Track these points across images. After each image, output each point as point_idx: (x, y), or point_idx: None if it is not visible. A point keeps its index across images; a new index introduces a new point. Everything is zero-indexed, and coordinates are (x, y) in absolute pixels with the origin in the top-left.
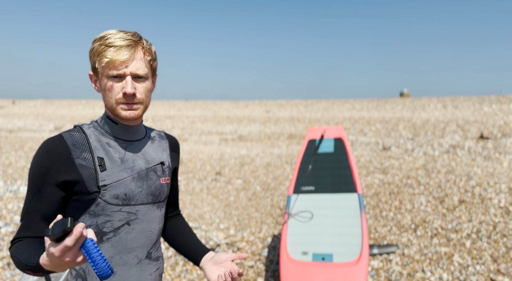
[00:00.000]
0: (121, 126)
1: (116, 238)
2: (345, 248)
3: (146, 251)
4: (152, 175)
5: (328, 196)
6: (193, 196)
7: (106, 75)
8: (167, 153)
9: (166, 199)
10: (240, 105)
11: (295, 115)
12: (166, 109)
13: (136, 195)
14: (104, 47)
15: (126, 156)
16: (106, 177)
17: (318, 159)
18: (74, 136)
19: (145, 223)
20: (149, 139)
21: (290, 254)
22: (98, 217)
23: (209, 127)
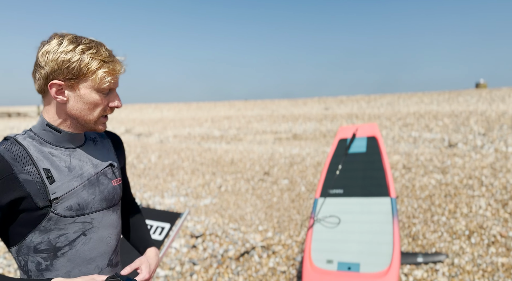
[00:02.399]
0: (65, 134)
1: (73, 251)
2: (373, 258)
3: (108, 259)
4: (103, 179)
5: (358, 200)
6: (238, 197)
7: (99, 89)
8: (113, 152)
9: (120, 201)
10: (298, 103)
11: (354, 112)
12: (226, 109)
13: (89, 203)
14: (99, 62)
15: (73, 164)
16: (57, 189)
17: (349, 160)
18: (11, 150)
19: (102, 230)
20: (91, 142)
21: (314, 262)
22: (49, 233)
23: (264, 127)
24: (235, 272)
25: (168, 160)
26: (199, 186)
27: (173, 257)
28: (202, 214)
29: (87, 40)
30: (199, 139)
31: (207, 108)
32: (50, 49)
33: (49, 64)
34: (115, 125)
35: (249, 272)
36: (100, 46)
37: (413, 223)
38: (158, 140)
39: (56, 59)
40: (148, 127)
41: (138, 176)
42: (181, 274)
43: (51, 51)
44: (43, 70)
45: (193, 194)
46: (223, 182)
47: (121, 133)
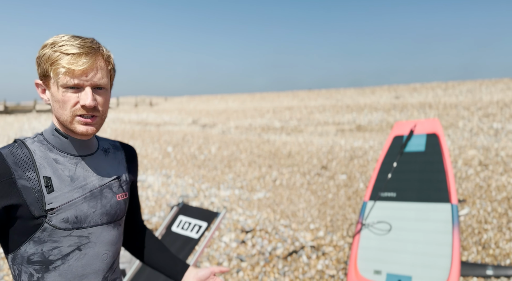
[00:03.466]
0: (72, 140)
1: (65, 266)
2: (428, 271)
3: (102, 276)
4: (107, 193)
5: (413, 205)
6: (292, 191)
7: (62, 85)
8: (124, 165)
9: (123, 216)
10: (365, 92)
11: (428, 100)
12: (289, 100)
13: (88, 216)
14: (59, 55)
15: (77, 174)
16: (54, 199)
17: (404, 160)
18: (15, 153)
19: (100, 246)
20: (102, 152)
21: (360, 272)
22: (43, 244)
23: (326, 117)
24: (281, 272)
25: (227, 151)
26: (254, 179)
27: (222, 251)
28: (255, 208)
29: (75, 37)
30: (259, 130)
31: (270, 99)
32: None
33: (36, 61)
34: (183, 116)
35: (295, 273)
36: (71, 41)
37: (484, 229)
38: (221, 131)
39: (36, 57)
40: (213, 118)
41: (198, 167)
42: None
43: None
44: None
45: (248, 187)
46: (278, 175)
47: (188, 124)
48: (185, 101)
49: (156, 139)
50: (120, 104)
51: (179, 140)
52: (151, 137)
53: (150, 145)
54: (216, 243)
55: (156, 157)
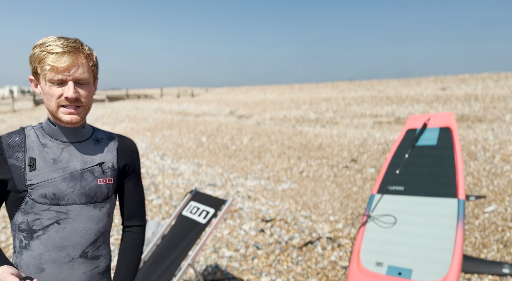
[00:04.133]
0: (60, 128)
1: (45, 236)
2: (429, 265)
3: (81, 250)
4: (88, 176)
5: (420, 199)
6: (317, 183)
7: (49, 80)
8: (114, 154)
9: (107, 199)
10: (410, 83)
11: (476, 92)
12: (328, 91)
13: (66, 195)
14: (45, 54)
15: (61, 157)
16: (34, 176)
17: (415, 154)
18: (12, 137)
19: (78, 222)
20: (93, 141)
21: (362, 263)
22: (28, 215)
23: (364, 109)
24: (294, 261)
25: (258, 142)
26: (282, 170)
27: (241, 238)
28: (278, 199)
29: (60, 38)
30: (294, 122)
31: (309, 90)
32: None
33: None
34: (221, 107)
35: (308, 263)
36: (57, 41)
37: (508, 227)
38: (256, 122)
39: (29, 56)
40: (250, 109)
41: (229, 157)
42: (244, 257)
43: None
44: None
45: (275, 177)
46: (306, 167)
47: (226, 115)
48: (224, 92)
49: (192, 129)
50: (164, 95)
51: (214, 131)
52: (187, 127)
53: (186, 135)
54: (236, 231)
55: (190, 147)
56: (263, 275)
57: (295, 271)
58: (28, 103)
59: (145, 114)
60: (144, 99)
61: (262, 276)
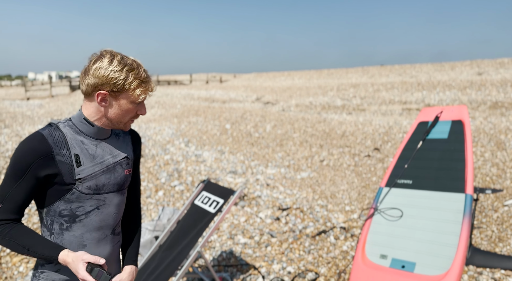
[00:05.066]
0: (97, 128)
1: (88, 220)
2: (432, 259)
3: (112, 229)
4: (118, 168)
5: (427, 193)
6: (337, 172)
7: (132, 101)
8: (130, 147)
9: (127, 187)
10: (444, 68)
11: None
12: (358, 76)
13: (105, 185)
14: (139, 82)
15: (97, 153)
16: (81, 171)
17: (426, 147)
18: (53, 135)
19: (112, 207)
20: (115, 136)
21: (367, 255)
22: (72, 203)
23: (393, 95)
24: (306, 250)
25: (281, 130)
26: (302, 158)
27: (257, 226)
28: (296, 188)
29: (130, 60)
30: (319, 109)
31: (338, 75)
32: (102, 66)
33: (100, 78)
34: (248, 93)
35: (320, 252)
36: (140, 68)
37: None
38: (281, 109)
39: (107, 75)
40: (276, 95)
41: (251, 144)
42: (257, 244)
43: (103, 68)
44: (94, 80)
45: (295, 166)
46: (327, 155)
47: (252, 101)
48: (252, 78)
49: (217, 116)
50: (193, 81)
51: (238, 118)
52: (213, 114)
53: (211, 121)
54: (252, 218)
55: (215, 134)
56: (274, 262)
57: (306, 260)
58: (65, 88)
59: (174, 100)
60: (174, 85)
61: (274, 263)
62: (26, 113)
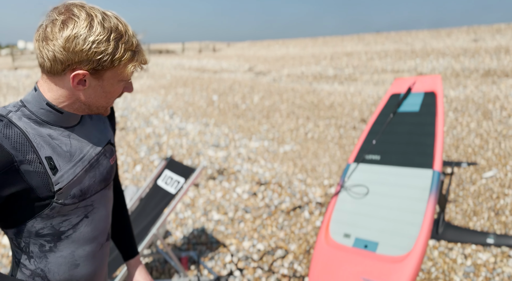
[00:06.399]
0: (67, 115)
1: (77, 234)
2: (395, 239)
3: (107, 234)
4: (103, 160)
5: (395, 169)
6: (320, 145)
7: (121, 80)
8: (108, 124)
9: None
10: (440, 35)
11: (509, 44)
12: (353, 44)
13: (90, 187)
14: (131, 53)
15: (73, 147)
16: (60, 179)
17: (397, 121)
18: (9, 136)
19: (102, 209)
20: (87, 117)
21: (331, 234)
22: (52, 219)
23: (385, 65)
24: (279, 226)
25: (269, 101)
26: (288, 130)
27: (233, 202)
28: (277, 161)
29: (115, 21)
30: (311, 79)
31: (333, 43)
32: (79, 34)
33: (78, 53)
34: (241, 63)
35: (292, 228)
36: (129, 31)
37: (505, 194)
38: (272, 79)
39: (87, 49)
40: (269, 65)
41: (237, 116)
42: (231, 220)
43: (80, 37)
44: (66, 54)
45: (279, 139)
46: (313, 127)
47: (244, 71)
48: (246, 47)
49: (205, 87)
50: (185, 50)
51: (226, 89)
52: (201, 85)
53: (199, 93)
54: (229, 194)
55: (201, 106)
56: (245, 239)
57: (278, 236)
58: None
59: (164, 70)
60: (165, 55)
61: (245, 241)
62: (12, 84)
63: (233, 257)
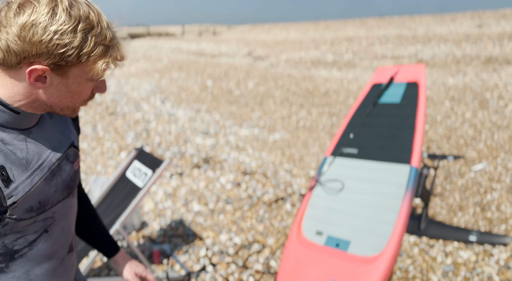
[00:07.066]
0: (24, 116)
1: (33, 251)
2: (368, 238)
3: (68, 247)
4: (65, 165)
5: (371, 164)
6: (311, 134)
7: (90, 78)
8: (71, 123)
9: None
10: (444, 20)
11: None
12: (356, 29)
13: (51, 197)
14: (103, 48)
15: (30, 153)
16: (14, 191)
17: (377, 112)
18: None
19: (64, 221)
20: (47, 115)
21: (303, 231)
22: (4, 237)
23: (386, 50)
24: (259, 219)
25: (263, 87)
26: (280, 118)
27: (215, 192)
28: (266, 150)
29: (85, 8)
30: (309, 64)
31: (335, 28)
32: (37, 21)
33: (35, 44)
34: (240, 47)
35: (272, 221)
36: (101, 20)
37: (493, 189)
38: (270, 64)
39: (47, 40)
40: (269, 49)
41: (230, 103)
42: (211, 212)
43: (39, 25)
44: (21, 45)
45: (270, 127)
46: (305, 115)
47: (242, 56)
48: (247, 31)
49: (200, 72)
50: (185, 33)
51: (222, 74)
52: (196, 69)
53: (193, 77)
54: (212, 183)
55: (194, 91)
56: (223, 232)
57: (256, 230)
58: None
59: (162, 54)
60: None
61: (222, 233)
62: None
63: (208, 251)
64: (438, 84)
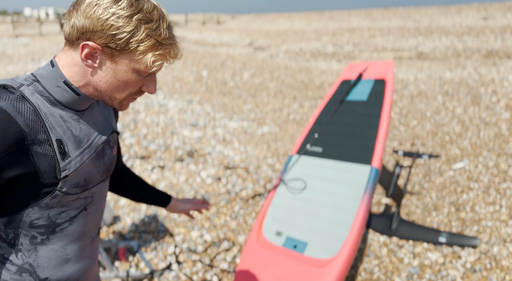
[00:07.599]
0: (82, 98)
1: (72, 227)
2: (324, 240)
3: (98, 228)
4: (107, 149)
5: (334, 164)
6: (300, 127)
7: (137, 70)
8: (112, 111)
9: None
10: (450, 11)
11: None
12: (360, 19)
13: (94, 176)
14: (155, 43)
15: (82, 132)
16: (68, 165)
17: (344, 110)
18: (22, 111)
19: (100, 202)
20: (95, 101)
21: (264, 232)
22: (50, 210)
23: (387, 42)
24: (233, 215)
25: (258, 79)
26: (271, 111)
27: (194, 187)
28: (252, 144)
29: (150, 5)
30: (308, 56)
31: (340, 18)
32: (102, 2)
33: (93, 21)
34: (242, 37)
35: (246, 218)
36: (163, 20)
37: (470, 188)
38: (269, 55)
39: (104, 19)
40: (270, 39)
41: (223, 94)
42: None
43: (102, 5)
44: (83, 21)
45: (260, 119)
46: (297, 108)
47: (244, 46)
48: (250, 20)
49: (196, 62)
50: (189, 22)
51: (218, 64)
52: (193, 59)
53: (189, 67)
54: (192, 177)
55: (189, 81)
56: (195, 229)
57: (229, 226)
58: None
59: None
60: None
61: (194, 230)
62: (7, 52)
63: (176, 249)
64: (434, 78)
